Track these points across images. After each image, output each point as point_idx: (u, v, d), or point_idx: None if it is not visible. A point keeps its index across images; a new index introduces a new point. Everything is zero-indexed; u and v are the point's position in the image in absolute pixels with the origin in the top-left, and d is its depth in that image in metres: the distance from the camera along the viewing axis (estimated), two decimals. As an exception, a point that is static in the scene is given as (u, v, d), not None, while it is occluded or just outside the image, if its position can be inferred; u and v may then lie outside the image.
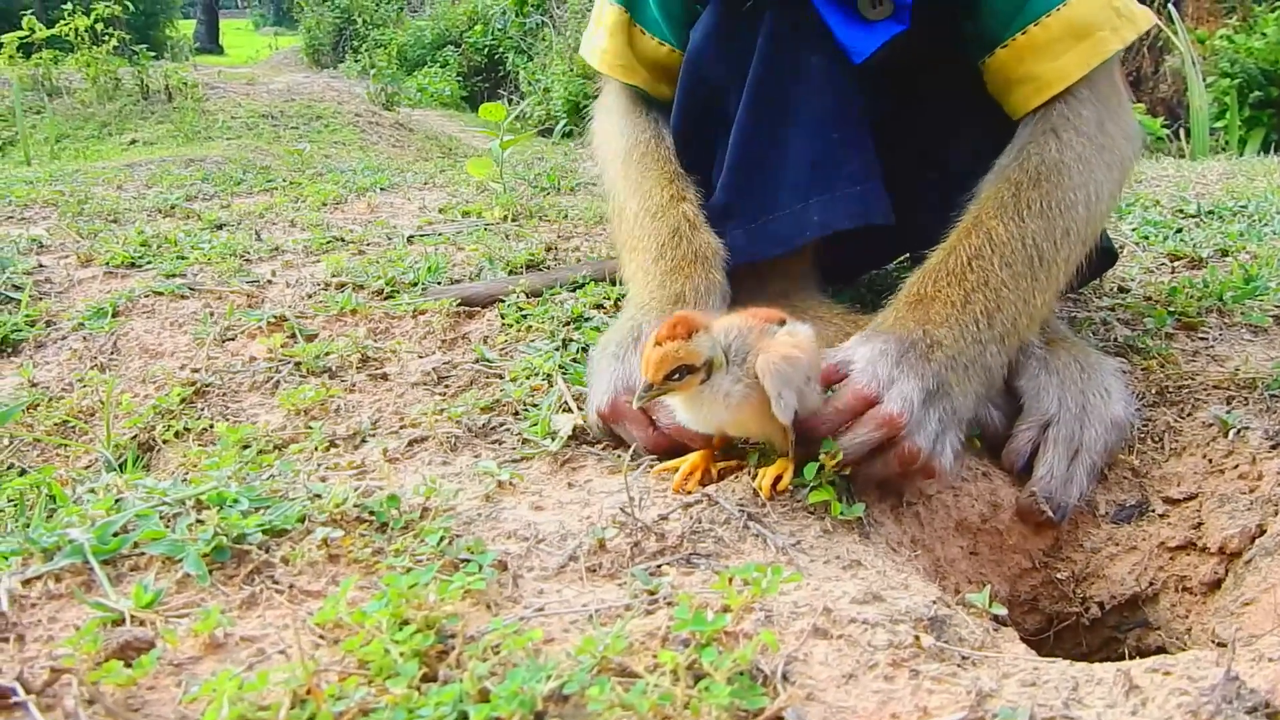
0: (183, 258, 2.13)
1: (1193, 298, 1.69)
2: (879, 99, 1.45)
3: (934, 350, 1.15)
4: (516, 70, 10.24)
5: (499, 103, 3.10)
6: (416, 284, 1.86)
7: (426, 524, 0.97)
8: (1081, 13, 1.35)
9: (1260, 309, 1.64)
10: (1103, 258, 1.53)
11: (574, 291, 1.78)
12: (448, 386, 1.43)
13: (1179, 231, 2.27)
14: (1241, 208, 2.49)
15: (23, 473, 1.44)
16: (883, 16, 1.37)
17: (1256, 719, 0.70)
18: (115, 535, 0.90)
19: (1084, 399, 1.27)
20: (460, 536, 0.95)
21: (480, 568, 0.89)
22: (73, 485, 1.25)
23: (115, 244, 2.25)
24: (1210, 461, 1.25)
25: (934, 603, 0.89)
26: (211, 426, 1.39)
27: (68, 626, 0.79)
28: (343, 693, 0.70)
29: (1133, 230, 2.27)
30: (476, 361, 1.50)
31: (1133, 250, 2.12)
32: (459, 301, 1.72)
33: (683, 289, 1.32)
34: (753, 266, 1.42)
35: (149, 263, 2.11)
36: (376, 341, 1.62)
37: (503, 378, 1.43)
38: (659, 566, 0.94)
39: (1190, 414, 1.33)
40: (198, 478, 1.05)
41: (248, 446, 1.27)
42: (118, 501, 0.98)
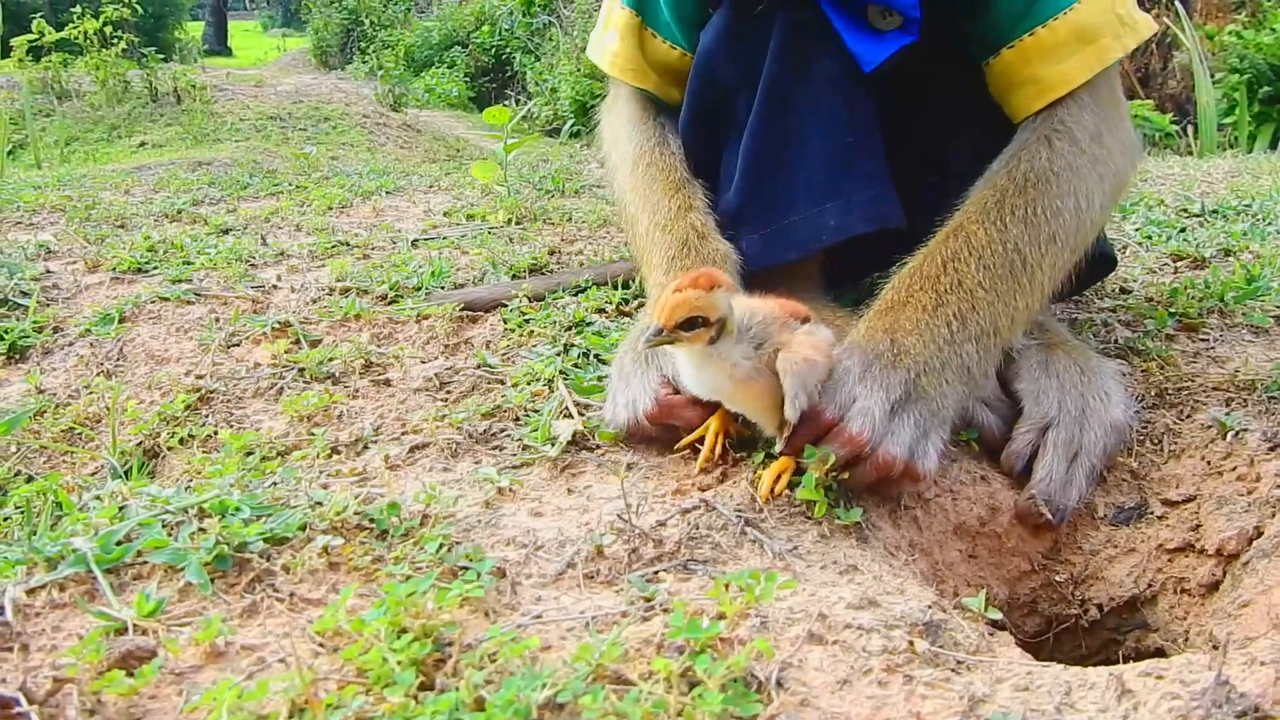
0: (189, 263, 2.15)
1: (1194, 298, 1.69)
2: (883, 102, 1.45)
3: (901, 358, 1.16)
4: (524, 70, 10.26)
5: (504, 106, 3.11)
6: (420, 288, 1.88)
7: (426, 531, 0.98)
8: (1088, 18, 1.35)
9: (1261, 309, 1.64)
10: (1101, 263, 1.53)
11: (576, 296, 1.79)
12: (449, 392, 1.44)
13: (1182, 231, 2.27)
14: (1246, 207, 2.48)
15: (30, 479, 1.45)
16: (892, 27, 1.37)
17: (1246, 724, 0.70)
18: (118, 544, 0.91)
19: (1083, 402, 1.27)
20: (459, 544, 0.96)
21: (479, 575, 0.90)
22: (79, 492, 1.26)
23: (122, 249, 2.26)
24: (1209, 463, 1.25)
25: (929, 607, 0.90)
26: (216, 433, 1.40)
27: (71, 635, 0.81)
28: (340, 702, 0.71)
29: (1136, 230, 2.27)
30: (478, 367, 1.51)
31: (1135, 250, 2.11)
32: (462, 306, 1.73)
33: None
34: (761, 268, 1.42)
35: (155, 268, 2.13)
36: (380, 347, 1.63)
37: (504, 383, 1.43)
38: (656, 573, 0.95)
39: (1189, 416, 1.33)
40: (200, 486, 1.07)
41: (251, 453, 1.28)
42: (122, 509, 0.99)
